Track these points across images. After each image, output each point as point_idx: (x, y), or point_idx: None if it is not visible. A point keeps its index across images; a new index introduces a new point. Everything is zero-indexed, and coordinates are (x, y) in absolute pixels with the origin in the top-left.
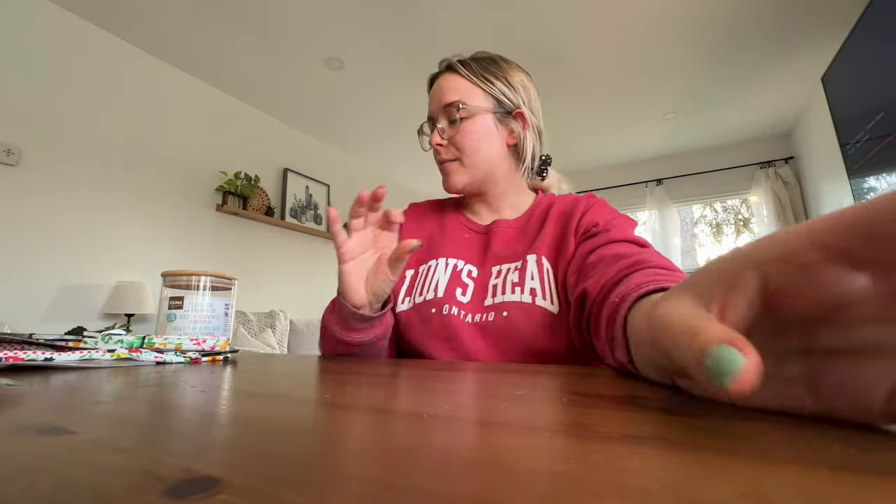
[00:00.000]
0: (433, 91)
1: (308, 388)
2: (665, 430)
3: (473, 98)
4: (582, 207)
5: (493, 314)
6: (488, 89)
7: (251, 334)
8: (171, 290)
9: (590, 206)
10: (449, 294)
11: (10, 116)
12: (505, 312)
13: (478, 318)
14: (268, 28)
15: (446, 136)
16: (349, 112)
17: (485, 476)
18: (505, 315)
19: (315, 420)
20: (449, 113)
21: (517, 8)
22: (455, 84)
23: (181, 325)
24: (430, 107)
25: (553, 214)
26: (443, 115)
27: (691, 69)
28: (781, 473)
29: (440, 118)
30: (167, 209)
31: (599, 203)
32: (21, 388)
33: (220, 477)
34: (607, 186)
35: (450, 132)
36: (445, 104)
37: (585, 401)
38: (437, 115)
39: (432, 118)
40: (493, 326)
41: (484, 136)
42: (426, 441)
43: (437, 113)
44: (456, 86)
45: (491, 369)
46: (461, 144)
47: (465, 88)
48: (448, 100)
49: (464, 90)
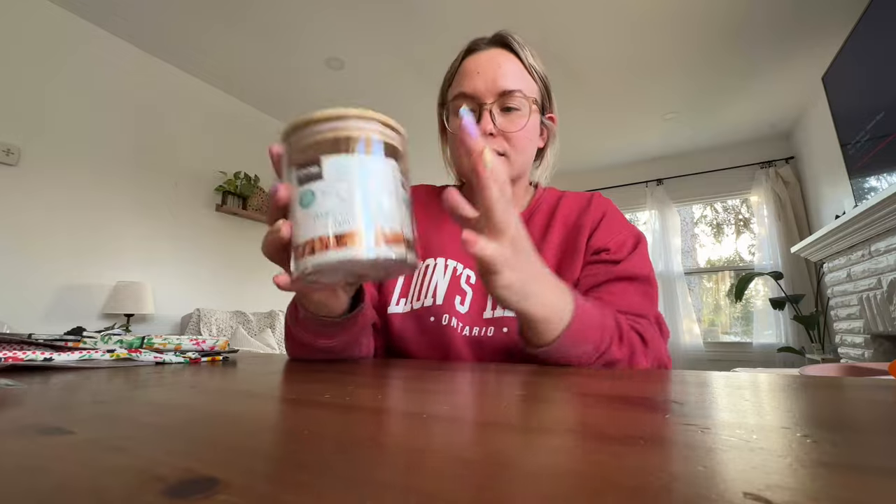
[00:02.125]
0: (483, 64)
1: (308, 389)
2: (665, 430)
3: (531, 90)
4: (592, 219)
5: (493, 329)
6: (538, 84)
7: (251, 334)
8: (301, 154)
9: (600, 217)
10: (448, 302)
11: (10, 116)
12: (505, 329)
13: (476, 331)
14: (268, 28)
15: (498, 126)
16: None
17: (485, 476)
18: (505, 331)
19: (315, 420)
20: (504, 100)
21: (518, 8)
22: (515, 68)
23: (326, 207)
24: (476, 83)
25: (559, 217)
26: (496, 100)
27: (692, 69)
28: (778, 473)
29: (492, 102)
30: (167, 209)
31: (609, 214)
32: (21, 388)
33: (220, 477)
34: (607, 186)
35: (502, 122)
36: (505, 90)
37: (585, 401)
38: (486, 96)
39: (477, 97)
40: (492, 343)
41: (533, 136)
42: (426, 441)
43: (487, 95)
44: (516, 70)
45: (491, 370)
46: (515, 141)
47: (524, 77)
48: (509, 86)
49: (523, 79)
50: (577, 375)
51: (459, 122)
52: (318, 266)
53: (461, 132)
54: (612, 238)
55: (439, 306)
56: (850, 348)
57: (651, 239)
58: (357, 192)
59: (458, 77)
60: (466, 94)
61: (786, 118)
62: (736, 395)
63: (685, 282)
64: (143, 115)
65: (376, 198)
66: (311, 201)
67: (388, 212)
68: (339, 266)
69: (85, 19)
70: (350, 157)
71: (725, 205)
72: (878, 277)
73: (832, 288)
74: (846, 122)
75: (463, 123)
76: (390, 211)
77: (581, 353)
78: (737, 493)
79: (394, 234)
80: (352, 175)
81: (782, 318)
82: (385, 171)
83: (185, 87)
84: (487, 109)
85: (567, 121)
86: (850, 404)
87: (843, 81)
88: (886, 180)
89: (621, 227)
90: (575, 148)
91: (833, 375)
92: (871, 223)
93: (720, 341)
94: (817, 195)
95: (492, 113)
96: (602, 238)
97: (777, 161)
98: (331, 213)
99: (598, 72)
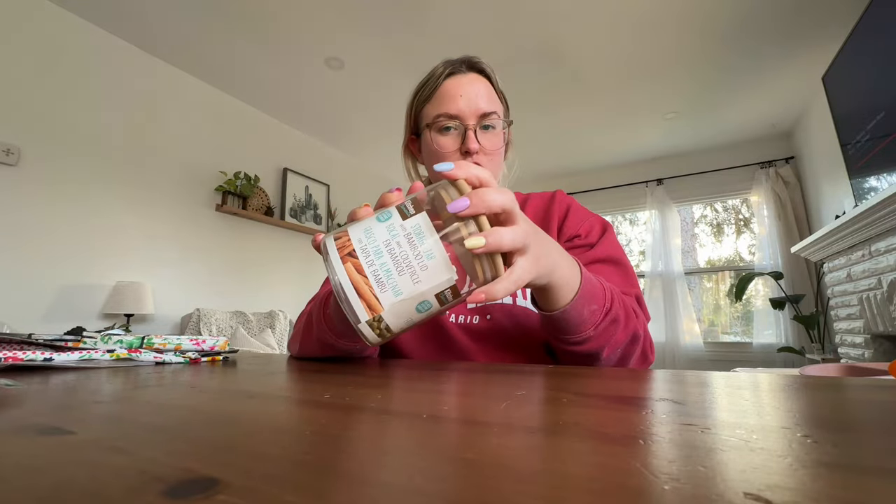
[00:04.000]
0: (465, 88)
1: (308, 389)
2: (665, 430)
3: (501, 110)
4: (559, 212)
5: (478, 317)
6: (503, 104)
7: (251, 334)
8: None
9: (566, 209)
10: None
11: (10, 116)
12: (489, 315)
13: (462, 319)
14: (268, 28)
15: (481, 144)
16: (349, 112)
17: (485, 476)
18: (489, 318)
19: (315, 420)
20: (483, 122)
21: (518, 8)
22: (489, 92)
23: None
24: (460, 105)
25: (528, 213)
26: (478, 122)
27: (692, 69)
28: (779, 473)
29: (474, 123)
30: (167, 209)
31: (574, 206)
32: (21, 388)
33: (219, 477)
34: (607, 186)
35: (483, 140)
36: (485, 112)
37: (585, 401)
38: (469, 118)
39: (461, 118)
40: (479, 329)
41: (502, 153)
42: (426, 441)
43: (470, 116)
44: (490, 94)
45: (490, 370)
46: (494, 160)
47: (495, 99)
48: (487, 108)
49: (495, 101)
50: (577, 375)
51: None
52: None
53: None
54: (581, 225)
55: None
56: (850, 348)
57: (651, 239)
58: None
59: (438, 98)
60: (451, 115)
61: (786, 118)
62: (736, 395)
63: (685, 282)
64: (143, 114)
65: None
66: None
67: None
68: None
69: (85, 19)
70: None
71: (725, 205)
72: (878, 277)
73: (832, 288)
74: (846, 122)
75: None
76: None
77: (593, 309)
78: (737, 493)
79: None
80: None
81: (782, 318)
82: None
83: (185, 86)
84: (472, 129)
85: (567, 121)
86: (851, 404)
87: (843, 81)
88: (886, 180)
89: (587, 215)
90: (575, 148)
91: (833, 375)
92: (871, 223)
93: (720, 341)
94: (817, 195)
95: (476, 133)
96: (572, 226)
97: (777, 161)
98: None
99: (598, 72)
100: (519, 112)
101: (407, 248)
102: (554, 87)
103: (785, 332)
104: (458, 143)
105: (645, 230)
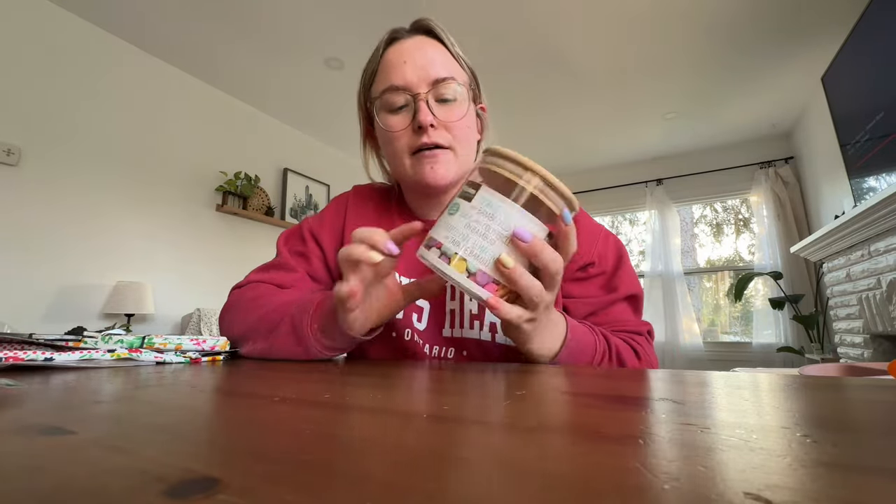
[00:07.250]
0: (410, 53)
1: (308, 389)
2: (665, 430)
3: (462, 77)
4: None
5: (453, 350)
6: (466, 72)
7: None
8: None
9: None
10: (407, 318)
11: (10, 116)
12: (465, 351)
13: (436, 350)
14: (268, 28)
15: (438, 117)
16: (349, 112)
17: (485, 476)
18: (465, 354)
19: (314, 420)
20: (438, 89)
21: (518, 9)
22: (443, 55)
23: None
24: (405, 73)
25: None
26: (430, 89)
27: (691, 69)
28: (778, 473)
29: (426, 91)
30: (167, 209)
31: (581, 221)
32: (21, 388)
33: (219, 477)
34: (607, 186)
35: (441, 113)
36: (437, 77)
37: (585, 401)
38: (418, 86)
39: (409, 88)
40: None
41: (473, 126)
42: (426, 441)
43: (420, 84)
44: (444, 57)
45: (490, 369)
46: (457, 131)
47: (453, 64)
48: (441, 73)
49: (453, 66)
50: (576, 375)
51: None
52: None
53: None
54: (592, 249)
55: (399, 320)
56: (849, 348)
57: (651, 239)
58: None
59: (382, 70)
60: (397, 87)
61: (786, 118)
62: (736, 395)
63: (685, 282)
64: (143, 114)
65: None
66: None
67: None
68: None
69: (85, 19)
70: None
71: (725, 205)
72: (877, 277)
73: (831, 288)
74: (846, 122)
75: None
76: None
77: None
78: (737, 493)
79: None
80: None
81: (782, 318)
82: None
83: (186, 86)
84: (423, 100)
85: (567, 120)
86: (850, 404)
87: (842, 81)
88: (886, 180)
89: (596, 234)
90: (575, 148)
91: (832, 375)
92: (871, 223)
93: (720, 341)
94: (817, 195)
95: (428, 103)
96: (584, 251)
97: (777, 161)
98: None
99: (598, 72)
100: (519, 112)
101: (486, 221)
102: (554, 87)
103: (784, 331)
104: (408, 121)
105: (645, 230)
